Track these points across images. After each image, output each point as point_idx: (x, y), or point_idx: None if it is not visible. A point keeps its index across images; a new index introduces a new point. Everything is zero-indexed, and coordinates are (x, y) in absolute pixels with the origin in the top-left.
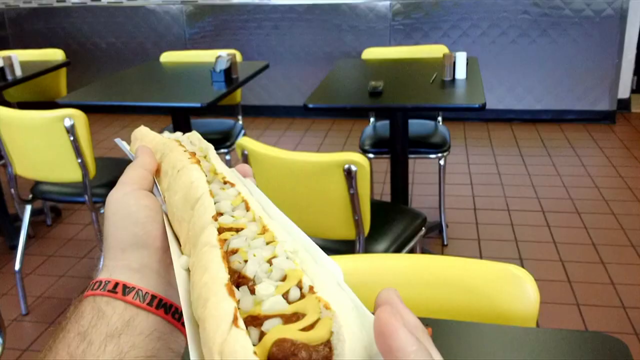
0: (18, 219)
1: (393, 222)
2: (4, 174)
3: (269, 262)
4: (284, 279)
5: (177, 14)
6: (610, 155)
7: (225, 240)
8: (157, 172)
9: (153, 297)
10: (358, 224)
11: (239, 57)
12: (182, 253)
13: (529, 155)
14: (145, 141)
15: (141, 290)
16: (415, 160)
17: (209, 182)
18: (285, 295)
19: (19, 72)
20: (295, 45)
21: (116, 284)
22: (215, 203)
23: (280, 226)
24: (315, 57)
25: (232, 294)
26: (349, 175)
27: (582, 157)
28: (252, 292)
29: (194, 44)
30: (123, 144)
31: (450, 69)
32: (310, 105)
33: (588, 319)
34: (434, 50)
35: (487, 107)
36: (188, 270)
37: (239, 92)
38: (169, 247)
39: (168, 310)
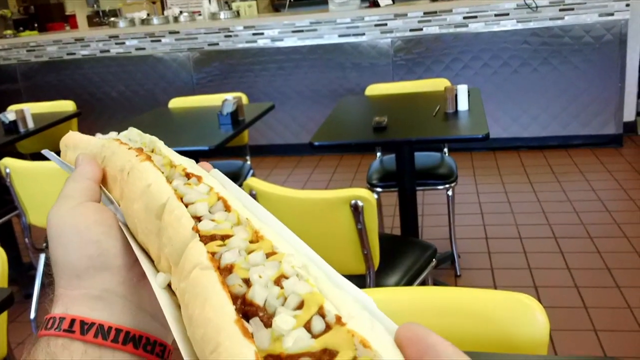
0: (32, 268)
1: (403, 254)
2: (18, 223)
3: (278, 282)
4: (300, 305)
5: (184, 61)
6: (620, 179)
7: (214, 253)
8: (104, 181)
9: (118, 331)
10: (367, 258)
11: (245, 100)
12: (156, 269)
13: (538, 182)
14: (81, 147)
15: (103, 326)
16: (423, 192)
17: (168, 180)
18: (307, 327)
19: (31, 125)
20: (300, 84)
21: (72, 321)
22: (186, 206)
23: (274, 231)
24: (320, 95)
25: (246, 333)
26: (356, 210)
27: (592, 181)
28: (266, 324)
29: (202, 89)
30: (53, 155)
31: (452, 101)
32: (316, 144)
33: (606, 344)
34: (436, 84)
35: (493, 136)
36: (168, 288)
37: (246, 133)
38: (132, 263)
39: (138, 344)
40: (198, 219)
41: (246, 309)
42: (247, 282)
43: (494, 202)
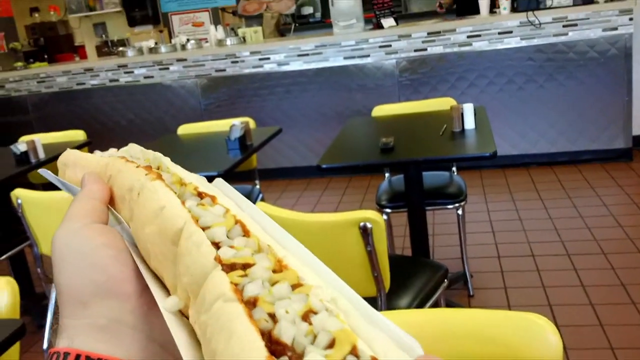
0: (45, 298)
1: (414, 276)
2: (30, 253)
3: (305, 318)
4: (331, 344)
5: (192, 88)
6: (631, 193)
7: (237, 284)
8: (111, 201)
9: None
10: (378, 280)
11: (252, 124)
12: (167, 295)
13: (548, 199)
14: (81, 165)
15: None
16: (434, 212)
17: (181, 200)
18: None
19: (42, 155)
20: (307, 107)
21: (77, 357)
22: (203, 230)
23: (299, 259)
24: (327, 117)
25: None
26: (365, 232)
27: (603, 196)
28: None
29: (210, 115)
30: (49, 174)
31: (458, 120)
32: (324, 166)
33: None
34: (442, 103)
35: (502, 153)
36: (181, 314)
37: (254, 157)
38: (142, 290)
39: None
40: (216, 245)
41: (273, 349)
42: (273, 317)
43: (505, 219)
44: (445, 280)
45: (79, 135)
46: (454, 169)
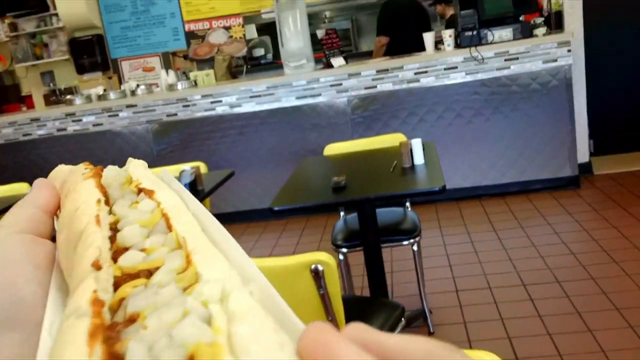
0: None
1: (371, 317)
2: None
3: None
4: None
5: (143, 134)
6: (581, 220)
7: (122, 300)
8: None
9: None
10: (333, 323)
11: (203, 169)
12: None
13: (502, 229)
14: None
15: None
16: (391, 249)
17: (109, 201)
18: None
19: None
20: (261, 149)
21: None
22: (117, 231)
23: (212, 252)
24: (282, 158)
25: None
26: (317, 275)
27: (554, 224)
28: None
29: (163, 160)
30: None
31: (408, 156)
32: (276, 208)
33: None
34: (392, 139)
35: (455, 186)
36: None
37: (207, 201)
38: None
39: None
40: (125, 250)
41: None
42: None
43: (461, 252)
44: (402, 319)
45: (23, 188)
46: (407, 204)
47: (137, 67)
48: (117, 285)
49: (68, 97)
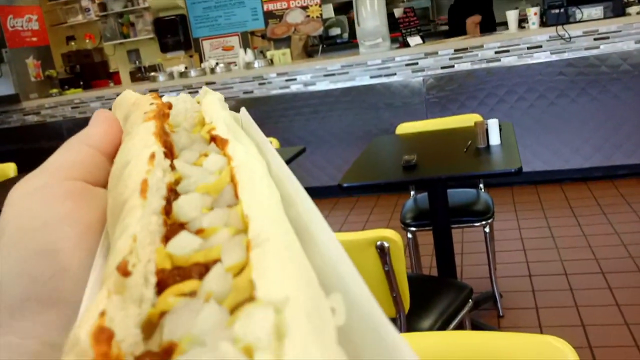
0: None
1: (437, 296)
2: None
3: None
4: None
5: None
6: None
7: (162, 315)
8: None
9: None
10: (397, 300)
11: (276, 144)
12: None
13: (582, 215)
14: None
15: None
16: (462, 230)
17: (173, 150)
18: None
19: None
20: (334, 127)
21: None
22: (173, 200)
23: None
24: (354, 136)
25: None
26: (382, 252)
27: (639, 212)
28: None
29: None
30: None
31: (483, 136)
32: (345, 185)
33: None
34: (468, 120)
35: (534, 169)
36: None
37: None
38: None
39: None
40: (181, 226)
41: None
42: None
43: (537, 237)
44: (470, 300)
45: None
46: (481, 185)
47: (217, 46)
48: (162, 283)
49: (152, 74)
